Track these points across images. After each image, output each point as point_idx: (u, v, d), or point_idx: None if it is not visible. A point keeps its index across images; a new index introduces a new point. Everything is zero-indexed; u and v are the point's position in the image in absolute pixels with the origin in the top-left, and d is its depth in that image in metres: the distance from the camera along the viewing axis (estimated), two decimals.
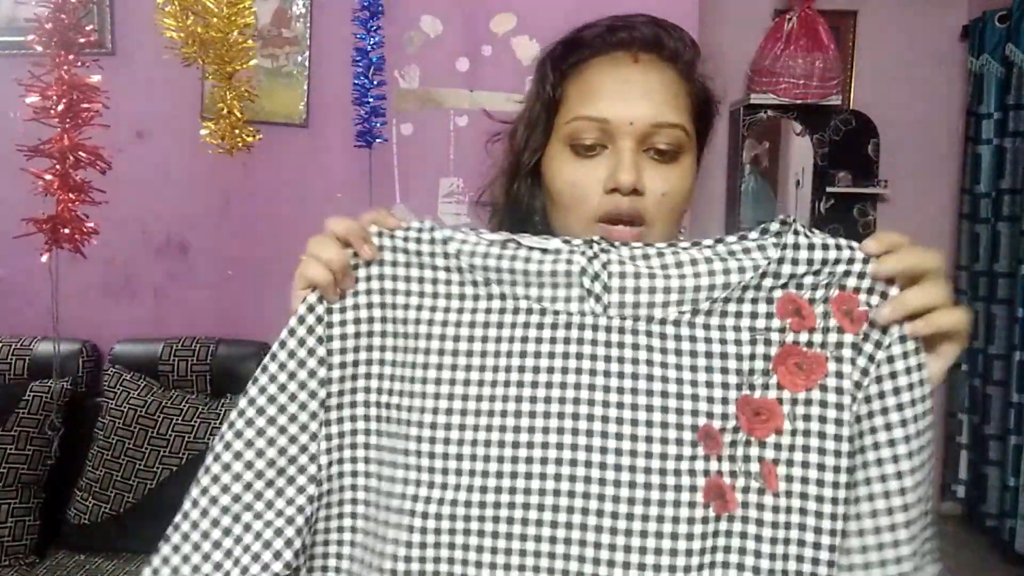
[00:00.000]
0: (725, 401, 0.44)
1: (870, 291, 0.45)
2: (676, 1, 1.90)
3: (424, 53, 1.96)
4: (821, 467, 0.44)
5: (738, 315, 0.45)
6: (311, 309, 0.49)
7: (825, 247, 0.45)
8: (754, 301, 0.45)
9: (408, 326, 0.49)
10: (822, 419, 0.44)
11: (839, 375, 0.44)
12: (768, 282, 0.45)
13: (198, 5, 1.46)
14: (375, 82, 1.67)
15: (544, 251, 0.48)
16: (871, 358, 0.44)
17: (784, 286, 0.45)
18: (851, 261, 0.45)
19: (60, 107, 1.44)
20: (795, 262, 0.45)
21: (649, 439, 0.44)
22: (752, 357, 0.45)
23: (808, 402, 0.44)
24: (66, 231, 1.48)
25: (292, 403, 0.49)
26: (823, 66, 2.61)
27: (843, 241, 0.46)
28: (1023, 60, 2.54)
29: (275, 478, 0.48)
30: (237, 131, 1.55)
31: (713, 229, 2.90)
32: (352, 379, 0.50)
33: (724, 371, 0.45)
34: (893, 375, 0.44)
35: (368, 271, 0.50)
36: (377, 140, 1.71)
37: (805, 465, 0.44)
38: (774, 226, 0.47)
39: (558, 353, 0.47)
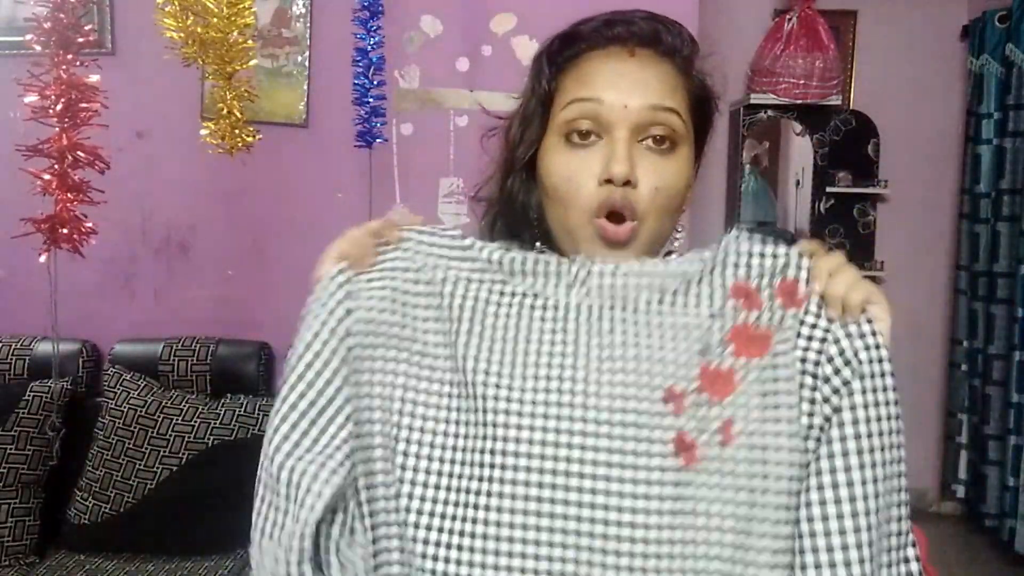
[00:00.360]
0: (688, 367, 0.52)
1: (807, 281, 0.54)
2: (676, 1, 1.90)
3: (424, 53, 1.96)
4: (774, 420, 0.51)
5: (698, 297, 0.54)
6: (337, 275, 0.57)
7: (763, 242, 0.55)
8: (711, 286, 0.54)
9: (420, 298, 0.57)
10: (772, 381, 0.51)
11: (783, 342, 0.52)
12: (719, 270, 0.54)
13: (198, 5, 1.46)
14: (375, 82, 1.67)
15: (539, 263, 0.56)
16: (822, 333, 0.52)
17: (735, 275, 0.54)
18: (788, 256, 0.54)
19: (59, 107, 1.44)
20: (738, 253, 0.54)
21: (624, 397, 0.52)
22: (710, 331, 0.53)
23: (759, 368, 0.52)
24: (64, 231, 1.48)
25: (325, 348, 0.54)
26: (823, 66, 2.61)
27: (781, 244, 0.55)
28: (1023, 60, 2.54)
29: (316, 417, 0.53)
30: (237, 131, 1.55)
31: (713, 229, 2.89)
32: (372, 348, 0.56)
33: (687, 343, 0.53)
34: (849, 393, 0.51)
35: (391, 254, 0.58)
36: (377, 140, 1.71)
37: (759, 421, 0.51)
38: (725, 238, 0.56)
39: (547, 330, 0.54)
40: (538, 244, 0.61)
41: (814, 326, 0.52)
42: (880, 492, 0.49)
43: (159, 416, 1.70)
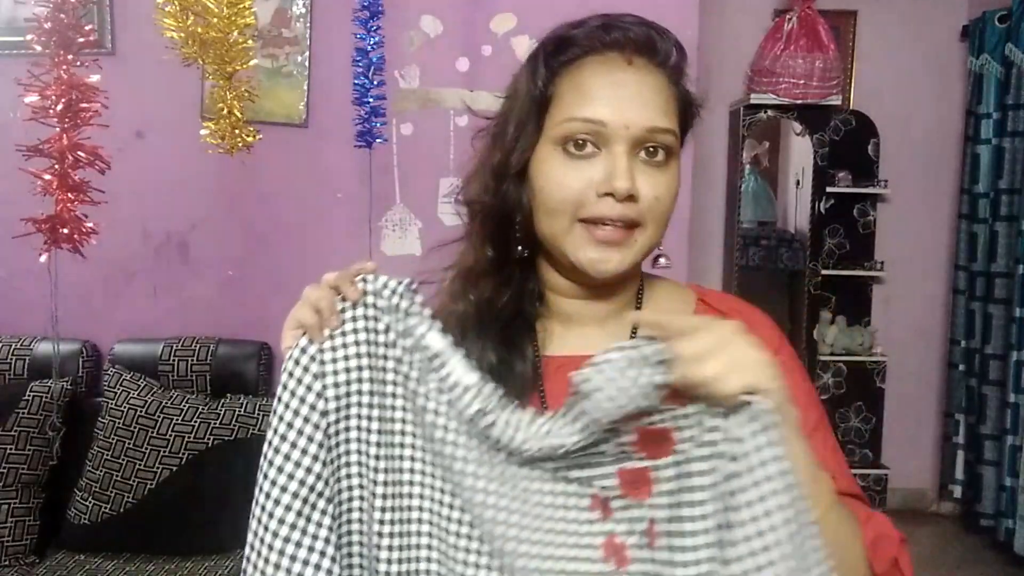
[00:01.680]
0: (607, 475, 0.52)
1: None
2: (676, 1, 1.90)
3: (424, 53, 1.96)
4: (688, 518, 0.49)
5: (601, 457, 0.52)
6: (304, 350, 0.55)
7: (623, 372, 0.50)
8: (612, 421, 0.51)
9: (386, 362, 0.55)
10: (679, 477, 0.50)
11: (683, 440, 0.50)
12: (618, 430, 0.51)
13: (198, 5, 1.46)
14: (375, 82, 1.67)
15: (454, 385, 0.53)
16: (711, 428, 0.49)
17: (621, 410, 0.50)
18: (653, 371, 0.49)
19: (59, 107, 1.43)
20: (616, 393, 0.50)
21: (554, 507, 0.52)
22: (620, 441, 0.51)
23: (667, 466, 0.51)
24: (65, 231, 1.47)
25: (301, 437, 0.54)
26: (823, 66, 2.61)
27: (638, 358, 0.50)
28: (1023, 60, 2.54)
29: (302, 508, 0.53)
30: (237, 131, 1.55)
31: (713, 229, 2.90)
32: (346, 408, 0.55)
33: (603, 453, 0.52)
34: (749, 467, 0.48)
35: (354, 312, 0.55)
36: (377, 140, 1.71)
37: (673, 520, 0.50)
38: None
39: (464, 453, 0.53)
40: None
41: (694, 418, 0.50)
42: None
43: (159, 416, 1.70)
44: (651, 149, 0.58)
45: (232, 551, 1.66)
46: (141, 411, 1.71)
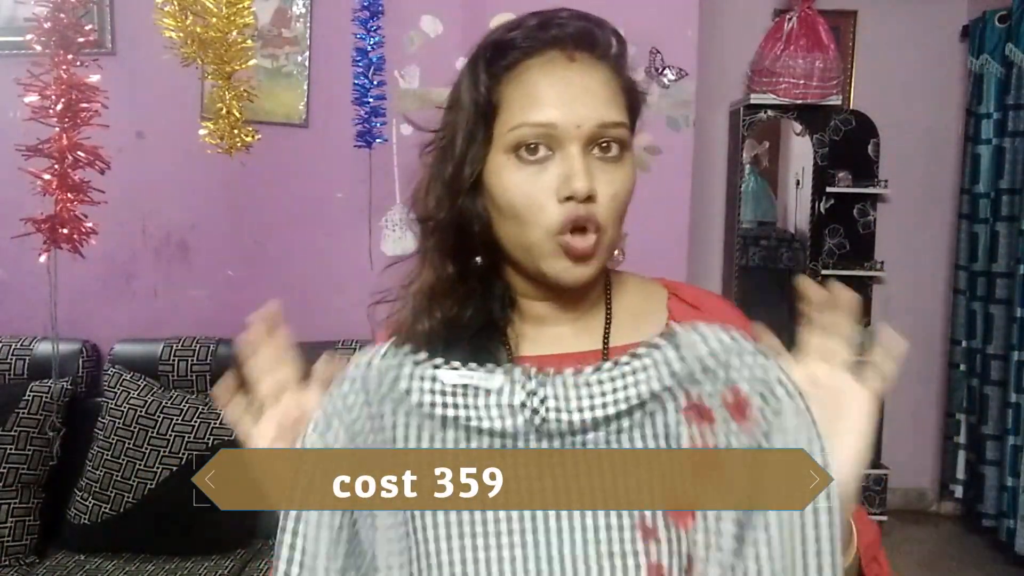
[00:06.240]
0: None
1: (755, 381, 0.51)
2: (676, 1, 1.90)
3: (424, 53, 1.96)
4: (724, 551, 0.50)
5: (653, 422, 0.52)
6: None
7: (713, 352, 0.51)
8: (664, 410, 0.52)
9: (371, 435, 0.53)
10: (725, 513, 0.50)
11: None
12: (673, 392, 0.52)
13: (197, 5, 1.46)
14: (375, 82, 1.67)
15: (488, 391, 0.52)
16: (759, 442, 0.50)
17: (687, 394, 0.52)
18: (740, 354, 0.51)
19: (59, 107, 1.43)
20: (691, 374, 0.51)
21: (596, 530, 0.50)
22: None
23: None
24: (64, 231, 1.47)
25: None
26: (823, 66, 2.61)
27: (725, 338, 0.52)
28: (1023, 60, 2.54)
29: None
30: (236, 131, 1.55)
31: (713, 229, 2.89)
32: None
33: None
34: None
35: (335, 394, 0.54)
36: (377, 140, 1.71)
37: (719, 548, 0.50)
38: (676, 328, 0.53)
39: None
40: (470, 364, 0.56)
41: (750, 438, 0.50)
42: None
43: (159, 416, 1.70)
44: (604, 145, 0.57)
45: (232, 551, 1.66)
46: (141, 411, 1.71)
